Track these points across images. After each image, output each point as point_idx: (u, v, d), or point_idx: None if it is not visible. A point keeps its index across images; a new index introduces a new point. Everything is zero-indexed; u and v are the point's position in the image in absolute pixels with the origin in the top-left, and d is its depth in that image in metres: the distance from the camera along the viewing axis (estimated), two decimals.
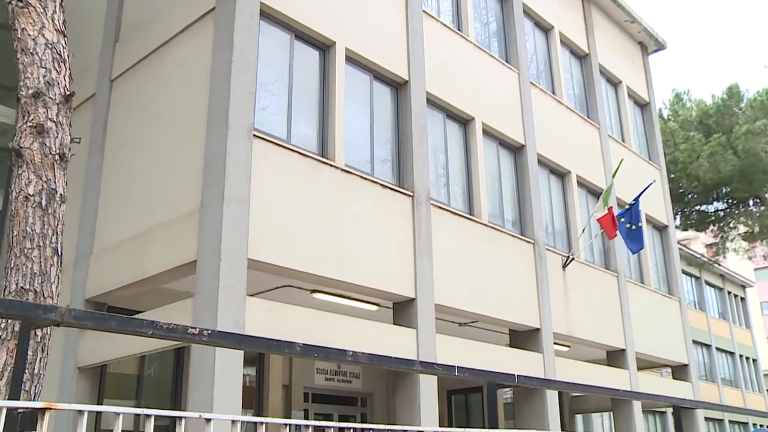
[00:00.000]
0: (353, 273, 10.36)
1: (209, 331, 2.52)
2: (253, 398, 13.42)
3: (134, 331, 2.36)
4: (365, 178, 11.09)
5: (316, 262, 9.85)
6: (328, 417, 15.51)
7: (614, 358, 16.58)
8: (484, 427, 13.89)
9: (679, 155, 29.14)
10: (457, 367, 3.53)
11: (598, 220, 14.88)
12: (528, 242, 14.38)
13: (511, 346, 14.00)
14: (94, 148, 11.78)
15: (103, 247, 10.89)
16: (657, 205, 20.01)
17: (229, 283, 8.54)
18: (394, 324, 11.30)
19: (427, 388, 10.88)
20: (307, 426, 2.83)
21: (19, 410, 2.25)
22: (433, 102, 13.15)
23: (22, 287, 5.22)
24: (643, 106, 21.46)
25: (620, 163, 15.97)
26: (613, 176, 15.43)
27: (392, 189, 11.54)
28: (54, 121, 5.41)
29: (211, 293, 8.53)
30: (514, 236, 14.10)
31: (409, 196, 11.80)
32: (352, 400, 17.83)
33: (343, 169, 10.73)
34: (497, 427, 4.41)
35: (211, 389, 7.94)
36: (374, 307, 12.65)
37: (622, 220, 15.29)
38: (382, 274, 10.87)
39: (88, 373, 10.73)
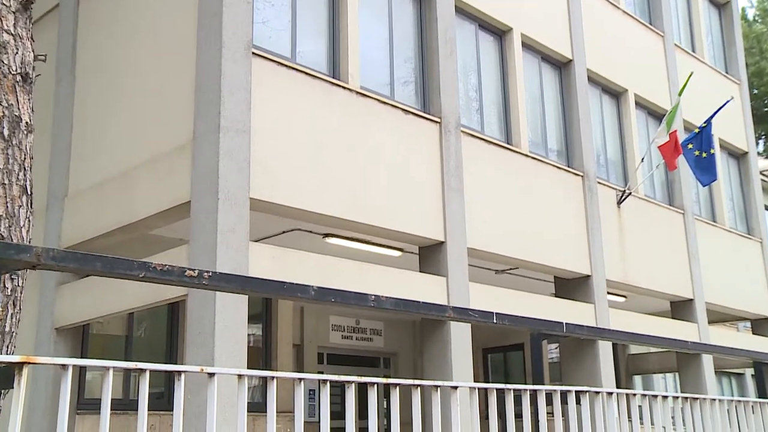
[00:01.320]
0: (372, 213, 10.40)
1: (210, 273, 2.55)
2: (260, 360, 13.66)
3: (123, 274, 2.39)
4: (384, 103, 11.03)
5: (328, 201, 9.89)
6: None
7: (680, 309, 16.62)
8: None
9: (765, 65, 28.32)
10: (496, 313, 3.56)
11: (659, 147, 14.73)
12: (576, 175, 14.32)
13: (556, 296, 14.08)
14: (63, 73, 11.77)
15: (79, 189, 10.98)
16: (735, 127, 19.73)
17: (228, 227, 8.61)
18: (420, 272, 11.38)
19: (460, 345, 11.01)
20: (324, 381, 2.88)
21: None
22: (462, 10, 12.97)
23: None
24: (721, 5, 20.96)
25: (689, 77, 15.51)
26: (680, 94, 15.13)
27: (416, 115, 11.49)
28: (11, 34, 5.30)
29: (208, 239, 8.61)
30: (559, 168, 14.04)
31: (436, 122, 11.74)
32: (374, 360, 18.10)
33: (358, 92, 10.67)
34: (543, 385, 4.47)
35: (212, 347, 8.08)
36: (397, 253, 12.72)
37: (690, 146, 15.13)
38: (406, 214, 10.91)
39: (68, 335, 10.94)
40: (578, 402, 4.31)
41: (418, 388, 3.32)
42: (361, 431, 6.30)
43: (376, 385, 3.11)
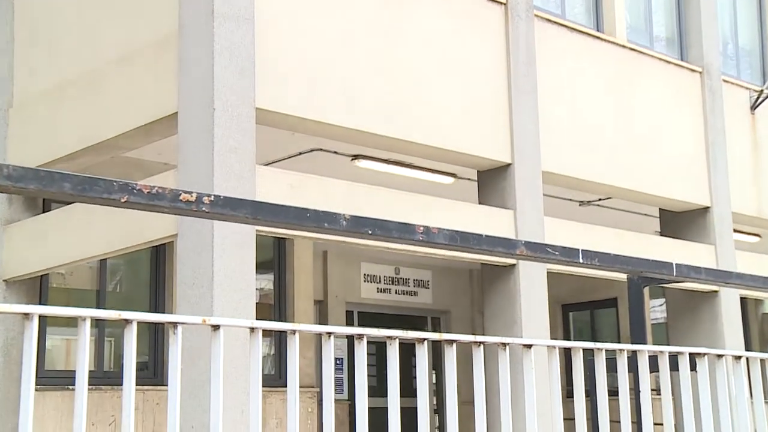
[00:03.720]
0: (415, 127, 10.40)
1: (211, 197, 2.59)
2: (272, 319, 13.87)
3: (100, 198, 2.44)
4: None
5: (358, 111, 9.90)
6: (382, 345, 15.94)
7: None
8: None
9: None
10: (582, 250, 3.60)
11: None
12: (693, 71, 14.16)
13: (663, 235, 14.05)
14: None
15: (27, 98, 11.07)
16: None
17: (228, 147, 8.67)
18: (479, 203, 11.41)
19: (533, 299, 11.08)
20: (360, 336, 2.95)
21: None
22: None
23: None
24: None
25: None
26: None
27: None
28: None
29: (201, 162, 8.69)
30: (669, 62, 13.89)
31: (501, 3, 11.64)
32: (419, 320, 18.27)
33: None
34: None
35: (210, 303, 8.22)
36: (449, 179, 12.74)
37: None
38: (460, 127, 10.90)
39: (20, 289, 11.14)
40: (693, 369, 4.36)
41: (481, 346, 3.38)
42: (403, 413, 6.41)
43: (425, 343, 3.17)
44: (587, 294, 19.11)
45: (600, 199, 14.29)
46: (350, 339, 13.27)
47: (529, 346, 3.59)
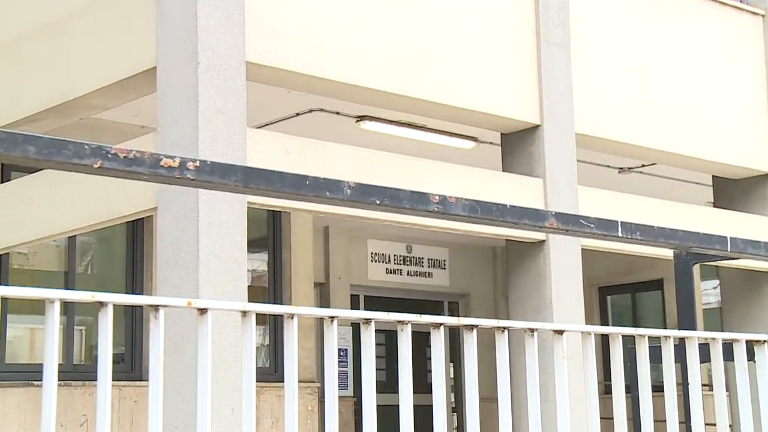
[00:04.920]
0: (429, 83, 10.40)
1: (197, 163, 2.60)
2: (266, 302, 13.92)
3: (70, 164, 2.44)
4: None
5: (364, 65, 9.90)
6: (391, 333, 15.99)
7: None
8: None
9: None
10: (622, 223, 3.59)
11: None
12: (755, 14, 14.10)
13: (715, 206, 14.04)
14: None
15: None
16: None
17: (214, 106, 8.67)
18: (503, 171, 11.41)
19: (565, 279, 11.08)
20: (367, 321, 2.96)
21: None
22: None
23: None
24: None
25: None
26: None
27: None
28: None
29: (184, 124, 8.69)
30: (726, 4, 13.83)
31: None
32: (433, 305, 18.31)
33: None
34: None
35: (195, 285, 8.23)
36: (469, 143, 12.75)
37: None
38: (481, 82, 10.89)
39: None
40: (751, 358, 4.37)
41: (505, 332, 3.39)
42: (416, 411, 6.45)
43: (442, 329, 3.19)
44: (628, 275, 19.13)
45: (643, 165, 14.29)
46: (355, 327, 13.30)
47: (561, 332, 3.59)
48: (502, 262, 17.89)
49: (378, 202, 2.99)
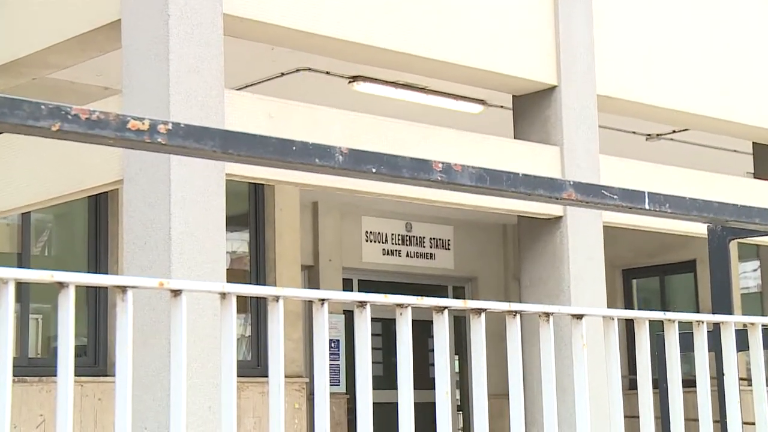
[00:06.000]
0: (432, 39, 10.39)
1: (169, 125, 2.60)
2: None
3: (23, 125, 2.43)
4: None
5: (357, 18, 9.89)
6: (388, 322, 16.00)
7: None
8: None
9: None
10: (648, 193, 3.59)
11: None
12: None
13: (755, 177, 14.05)
14: None
15: None
16: None
17: (189, 64, 8.67)
18: (515, 138, 11.41)
19: (585, 261, 11.10)
20: (362, 304, 2.97)
21: None
22: None
23: None
24: None
25: None
26: None
27: None
28: None
29: (154, 84, 8.69)
30: None
31: None
32: (436, 290, 18.33)
33: None
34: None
35: (167, 267, 8.25)
36: (477, 107, 12.75)
37: None
38: (490, 38, 10.88)
39: None
40: None
41: (517, 316, 3.39)
42: (417, 409, 6.48)
43: (446, 313, 3.20)
44: (656, 256, 19.16)
45: (673, 132, 14.31)
46: (349, 316, 13.34)
47: (580, 317, 3.58)
48: (513, 242, 17.90)
49: (374, 170, 2.99)
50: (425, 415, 7.30)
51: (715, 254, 4.10)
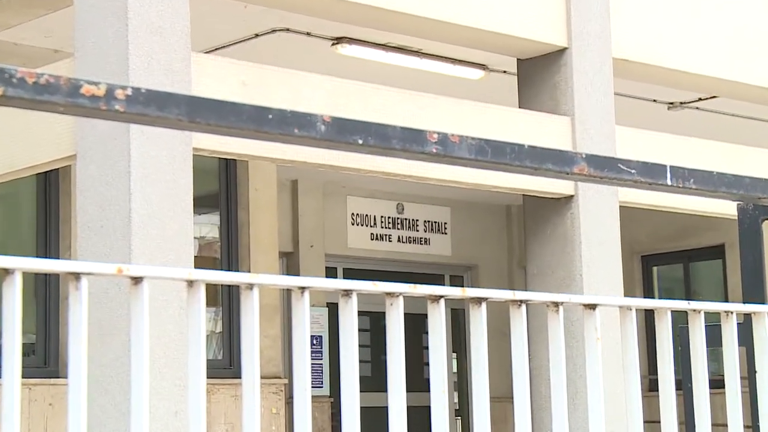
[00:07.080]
0: None
1: (128, 91, 2.59)
2: None
3: None
4: None
5: None
6: (377, 315, 16.05)
7: None
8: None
9: None
10: (671, 167, 3.60)
11: None
12: None
13: None
14: None
15: None
16: None
17: (150, 23, 8.66)
18: (520, 107, 11.43)
19: (598, 246, 11.12)
20: (347, 292, 2.97)
21: None
22: None
23: None
24: None
25: None
26: None
27: None
28: None
29: (110, 47, 8.69)
30: None
31: None
32: (432, 279, 18.35)
33: None
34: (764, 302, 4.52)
35: (127, 253, 8.26)
36: (478, 73, 12.77)
37: None
38: None
39: None
40: None
41: (522, 306, 3.39)
42: (410, 413, 6.50)
43: (442, 302, 3.20)
44: (679, 240, 19.20)
45: (699, 99, 14.33)
46: (332, 309, 13.36)
47: (593, 307, 3.59)
48: (518, 225, 17.95)
49: (360, 141, 2.98)
50: (419, 420, 7.33)
51: (747, 237, 4.10)
